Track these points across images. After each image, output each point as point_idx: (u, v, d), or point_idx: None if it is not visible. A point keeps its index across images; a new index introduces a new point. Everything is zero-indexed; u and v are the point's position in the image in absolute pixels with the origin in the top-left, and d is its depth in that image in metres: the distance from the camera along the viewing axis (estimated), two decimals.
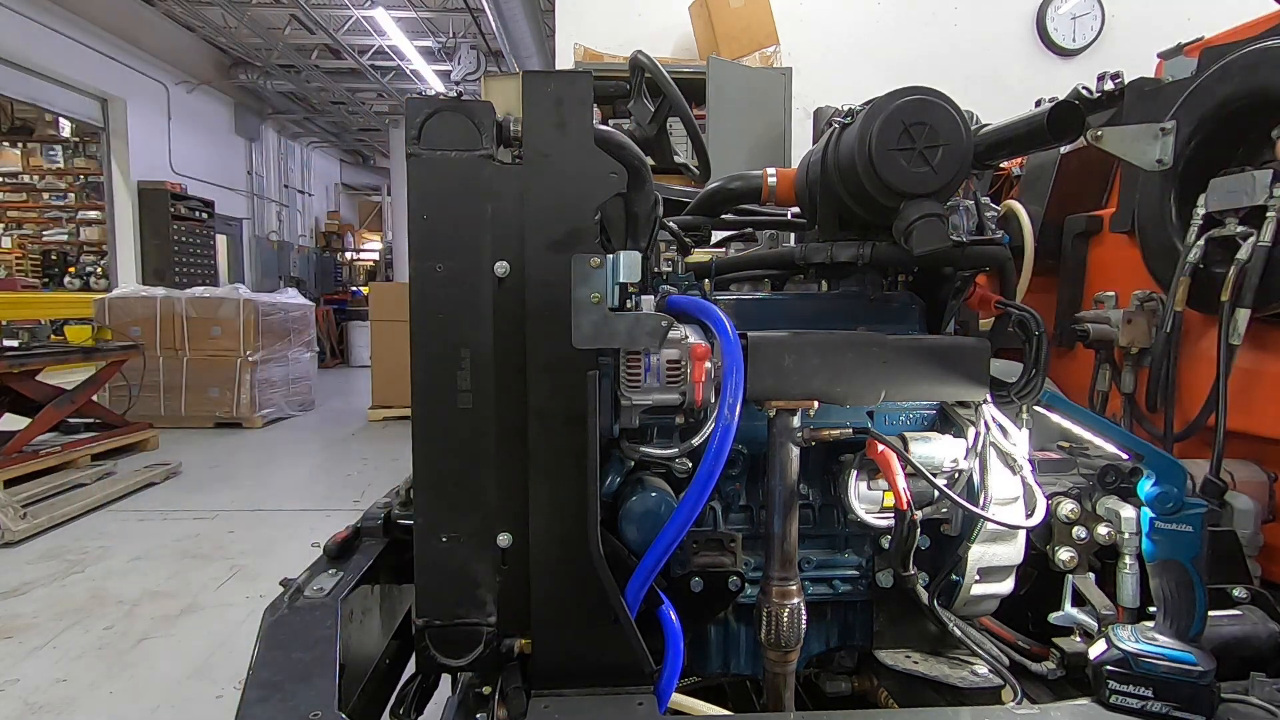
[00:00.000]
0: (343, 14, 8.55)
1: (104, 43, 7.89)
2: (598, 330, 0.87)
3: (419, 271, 0.90)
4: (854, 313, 1.16)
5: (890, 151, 0.99)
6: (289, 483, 4.52)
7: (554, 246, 0.90)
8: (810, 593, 1.08)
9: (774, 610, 0.96)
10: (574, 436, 0.91)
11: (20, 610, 2.67)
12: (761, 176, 1.28)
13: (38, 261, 9.40)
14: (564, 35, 4.54)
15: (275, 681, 0.82)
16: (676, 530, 0.90)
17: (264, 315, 6.12)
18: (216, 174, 10.13)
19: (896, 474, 0.96)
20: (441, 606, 0.93)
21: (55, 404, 4.35)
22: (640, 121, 1.33)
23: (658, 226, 1.10)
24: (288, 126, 12.56)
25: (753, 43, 4.12)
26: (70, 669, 2.27)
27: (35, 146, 9.46)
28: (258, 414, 6.02)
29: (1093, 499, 1.09)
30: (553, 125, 0.90)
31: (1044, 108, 0.97)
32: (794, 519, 0.97)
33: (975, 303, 1.25)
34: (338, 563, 1.10)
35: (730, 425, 0.87)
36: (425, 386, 0.91)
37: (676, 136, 1.41)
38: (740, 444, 1.08)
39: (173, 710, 2.06)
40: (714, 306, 0.95)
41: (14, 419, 4.33)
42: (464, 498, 0.92)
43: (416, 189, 0.90)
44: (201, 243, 9.21)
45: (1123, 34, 4.59)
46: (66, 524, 3.56)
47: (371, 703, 1.08)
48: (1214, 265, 1.25)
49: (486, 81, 4.62)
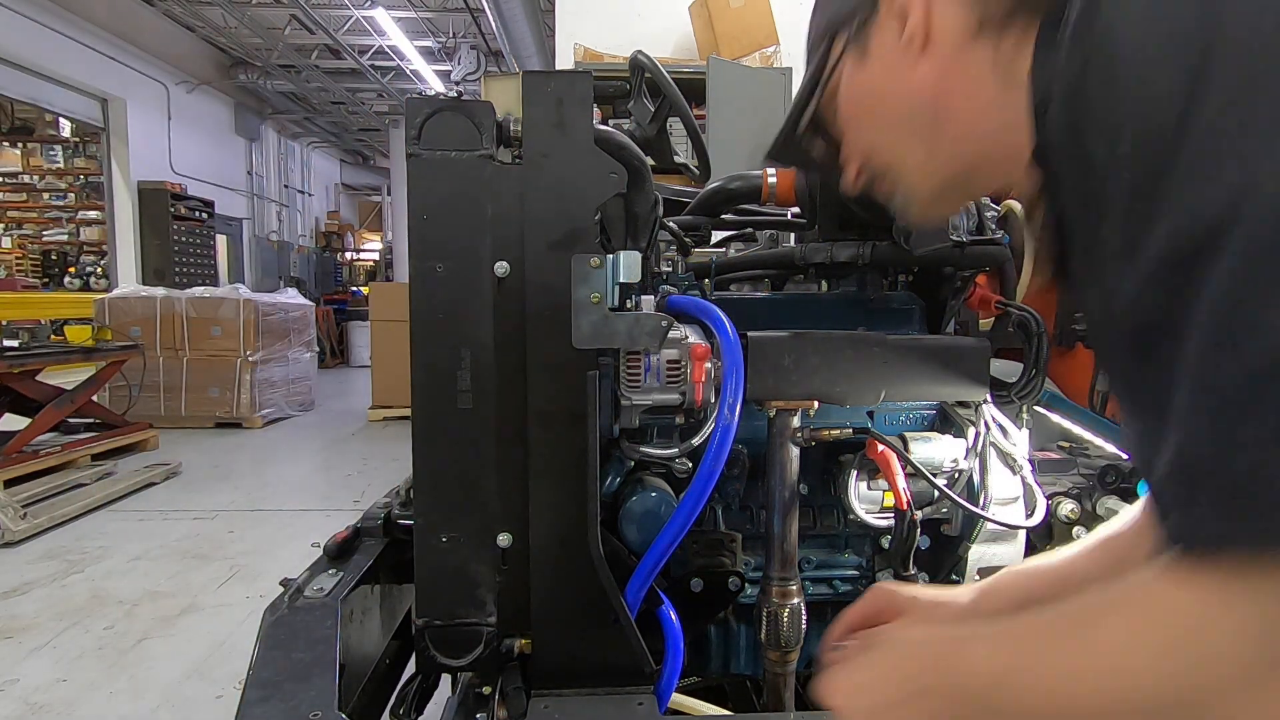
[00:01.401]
0: (343, 14, 8.55)
1: (104, 43, 7.89)
2: (598, 330, 0.87)
3: (419, 272, 0.90)
4: (854, 313, 1.16)
5: None
6: (289, 483, 4.52)
7: (554, 246, 0.90)
8: (810, 593, 1.08)
9: (774, 610, 0.96)
10: (574, 436, 0.91)
11: (20, 610, 2.67)
12: (761, 176, 1.28)
13: (38, 261, 9.40)
14: (564, 35, 4.54)
15: (275, 681, 0.82)
16: (676, 530, 0.90)
17: (264, 315, 6.11)
18: (216, 174, 10.13)
19: (896, 474, 0.96)
20: (441, 606, 0.93)
21: (55, 404, 4.35)
22: (640, 121, 1.33)
23: (658, 226, 1.10)
24: (288, 126, 12.56)
25: (753, 43, 4.12)
26: (70, 669, 2.27)
27: (35, 146, 9.45)
28: (258, 414, 6.02)
29: (1093, 499, 1.09)
30: (553, 125, 0.90)
31: None
32: (794, 519, 0.97)
33: (975, 303, 1.25)
34: (338, 563, 1.10)
35: (730, 425, 0.87)
36: (425, 386, 0.91)
37: (676, 136, 1.40)
38: (740, 444, 1.08)
39: (173, 710, 2.06)
40: (714, 306, 0.95)
41: (14, 419, 4.33)
42: (464, 498, 0.92)
43: (416, 189, 0.90)
44: (201, 243, 9.21)
45: None
46: (66, 524, 3.56)
47: (371, 703, 1.08)
48: None
49: (486, 81, 4.62)
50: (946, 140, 0.62)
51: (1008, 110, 0.56)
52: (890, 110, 0.65)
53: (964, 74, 0.58)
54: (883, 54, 0.63)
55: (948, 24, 0.58)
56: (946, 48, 0.59)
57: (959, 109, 0.60)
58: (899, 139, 0.66)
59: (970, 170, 0.64)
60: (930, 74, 0.60)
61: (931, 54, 0.59)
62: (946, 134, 0.62)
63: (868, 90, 0.66)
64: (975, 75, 0.58)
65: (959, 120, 0.60)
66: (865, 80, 0.65)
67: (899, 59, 0.61)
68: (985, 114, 0.59)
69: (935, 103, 0.60)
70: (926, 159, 0.64)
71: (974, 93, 0.58)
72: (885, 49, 0.63)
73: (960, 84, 0.59)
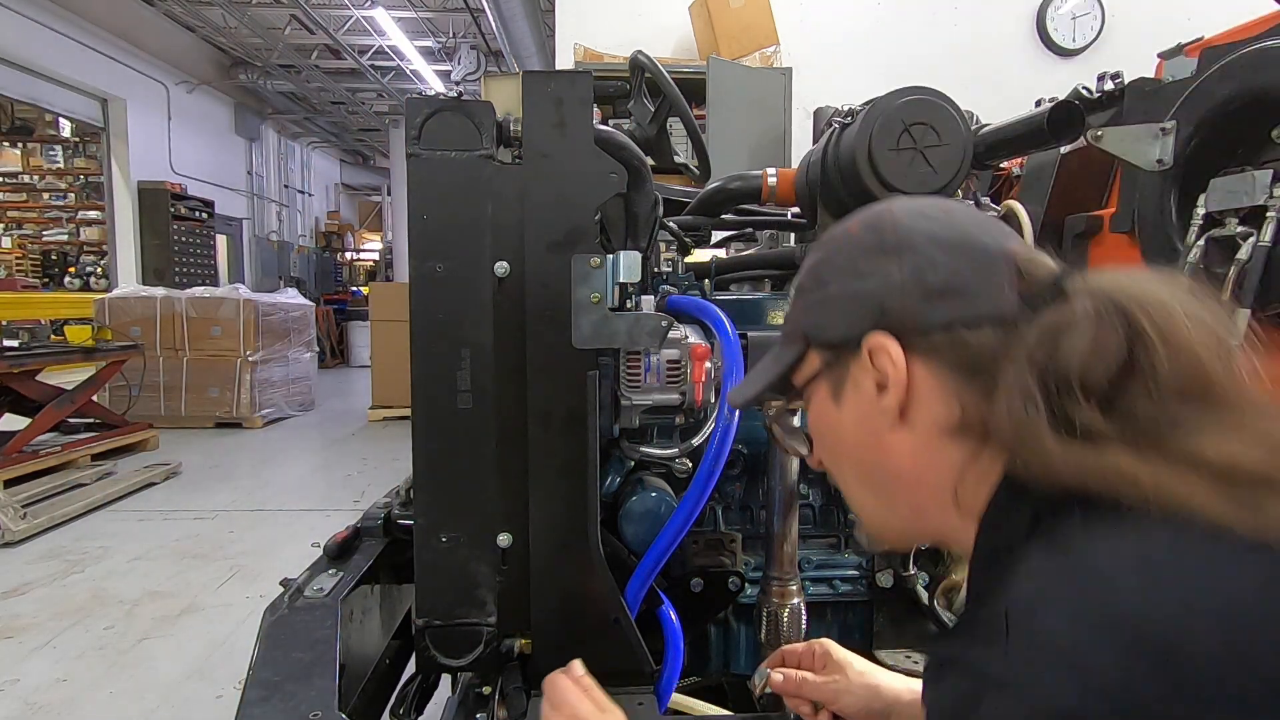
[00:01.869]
0: (343, 14, 8.54)
1: (104, 43, 7.88)
2: (597, 330, 0.87)
3: (419, 271, 0.90)
4: None
5: (891, 151, 0.99)
6: (289, 483, 4.52)
7: (554, 246, 0.90)
8: (810, 593, 1.08)
9: (774, 610, 0.96)
10: (574, 436, 0.91)
11: (20, 610, 2.67)
12: (761, 176, 1.28)
13: (38, 261, 9.39)
14: (564, 35, 4.54)
15: (275, 681, 0.82)
16: (676, 530, 0.90)
17: (264, 315, 6.11)
18: (216, 174, 10.12)
19: None
20: (441, 606, 0.93)
21: (55, 404, 4.34)
22: (640, 121, 1.33)
23: (658, 226, 1.10)
24: (288, 126, 12.55)
25: (753, 43, 4.12)
26: (70, 669, 2.27)
27: (35, 146, 9.44)
28: (258, 414, 6.01)
29: None
30: (552, 125, 0.90)
31: (1044, 108, 0.97)
32: (794, 519, 0.98)
33: None
34: (338, 563, 1.10)
35: (730, 425, 0.87)
36: (425, 386, 0.91)
37: (676, 136, 1.40)
38: (740, 444, 1.08)
39: (173, 710, 2.06)
40: (714, 306, 0.95)
41: (14, 419, 4.33)
42: (464, 498, 0.92)
43: (416, 189, 0.90)
44: (201, 243, 9.20)
45: (1123, 34, 4.59)
46: (66, 524, 3.56)
47: (371, 703, 1.08)
48: (1214, 265, 1.25)
49: (486, 81, 4.62)
50: (902, 504, 0.60)
51: (958, 518, 0.55)
52: (853, 457, 0.62)
53: (933, 464, 0.56)
54: (856, 406, 0.59)
55: (925, 416, 0.55)
56: (920, 432, 0.56)
57: (921, 487, 0.57)
58: (858, 482, 0.63)
59: (921, 530, 0.62)
60: (902, 447, 0.57)
61: (907, 431, 0.56)
62: (904, 499, 0.60)
63: (834, 427, 0.62)
64: (945, 468, 0.55)
65: (919, 495, 0.58)
66: (833, 418, 0.62)
67: (872, 418, 0.58)
68: (943, 505, 0.56)
69: (898, 474, 0.58)
70: (884, 509, 0.62)
71: (938, 484, 0.56)
72: (859, 401, 0.59)
73: (929, 474, 0.56)
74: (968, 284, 0.54)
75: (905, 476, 0.58)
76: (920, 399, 0.55)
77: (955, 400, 0.54)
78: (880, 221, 0.59)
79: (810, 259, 0.65)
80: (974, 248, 0.56)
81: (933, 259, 0.55)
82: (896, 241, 0.57)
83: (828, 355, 0.61)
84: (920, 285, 0.55)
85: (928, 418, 0.55)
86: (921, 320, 0.55)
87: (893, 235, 0.58)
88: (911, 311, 0.55)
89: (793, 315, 0.66)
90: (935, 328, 0.54)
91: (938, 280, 0.55)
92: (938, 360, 0.54)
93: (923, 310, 0.55)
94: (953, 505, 0.55)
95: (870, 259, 0.58)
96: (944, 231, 0.57)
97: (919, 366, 0.55)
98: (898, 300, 0.55)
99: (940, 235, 0.56)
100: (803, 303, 0.64)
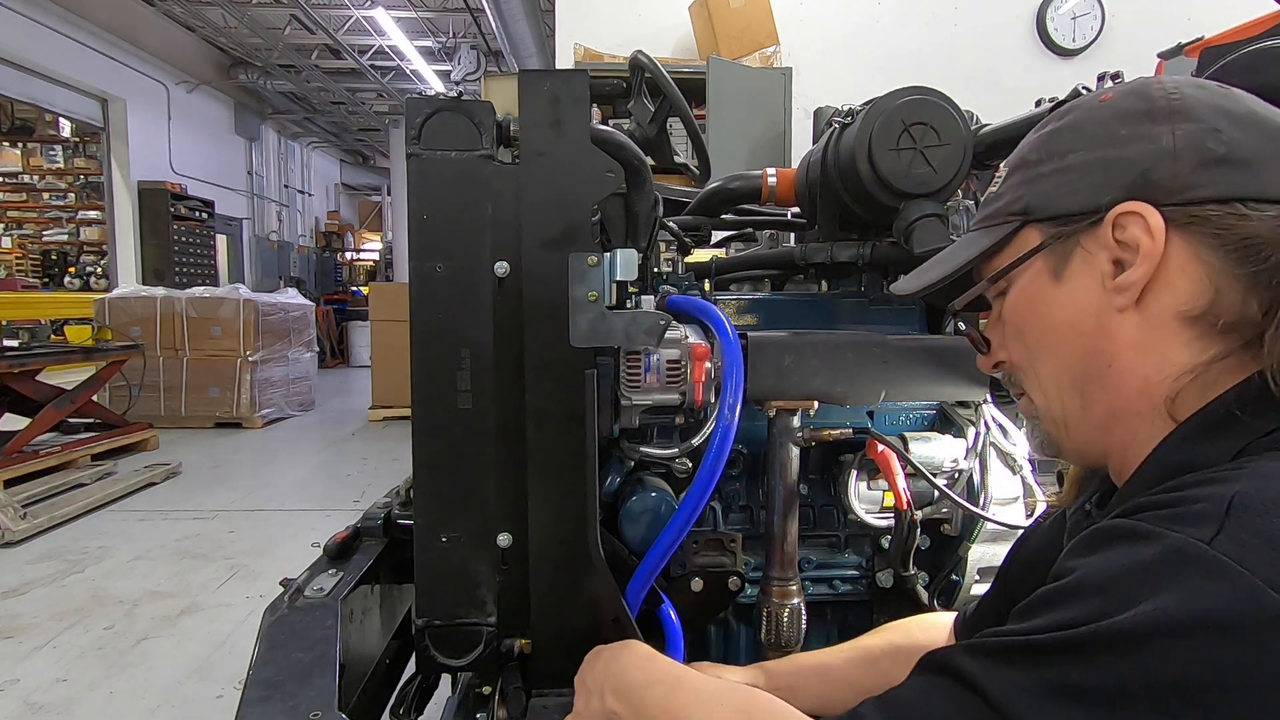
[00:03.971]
0: (343, 14, 8.55)
1: (104, 43, 7.88)
2: (595, 329, 0.87)
3: (419, 271, 0.90)
4: (854, 313, 1.16)
5: (891, 151, 0.99)
6: (289, 483, 4.52)
7: (550, 245, 0.90)
8: (810, 593, 1.08)
9: (774, 610, 0.96)
10: (574, 436, 0.91)
11: (20, 610, 2.67)
12: (761, 176, 1.28)
13: (38, 261, 9.40)
14: (564, 35, 4.54)
15: (275, 681, 0.82)
16: (677, 530, 0.90)
17: (264, 315, 6.11)
18: (216, 174, 10.13)
19: (896, 474, 0.96)
20: (441, 606, 0.93)
21: (55, 404, 4.34)
22: (640, 121, 1.33)
23: (658, 226, 1.10)
24: (288, 126, 12.56)
25: (753, 43, 4.12)
26: (70, 669, 2.27)
27: (35, 146, 9.45)
28: (258, 414, 6.01)
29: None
30: (548, 124, 0.90)
31: (1044, 108, 0.97)
32: (794, 519, 0.98)
33: None
34: (338, 563, 1.10)
35: (730, 425, 0.87)
36: (425, 386, 0.91)
37: (676, 136, 1.40)
38: (740, 444, 1.08)
39: (173, 710, 2.06)
40: (714, 306, 0.95)
41: (14, 419, 4.33)
42: (464, 498, 0.92)
43: (416, 189, 0.90)
44: (201, 243, 9.20)
45: (1123, 34, 4.59)
46: (66, 524, 3.56)
47: (371, 703, 1.08)
48: None
49: (486, 81, 4.62)
50: (1099, 405, 0.56)
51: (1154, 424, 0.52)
52: (1062, 345, 0.57)
53: (1158, 355, 0.51)
54: (1082, 284, 0.54)
55: (1165, 300, 0.50)
56: (1153, 316, 0.51)
57: (1130, 381, 0.53)
58: (1057, 374, 0.58)
59: (1103, 443, 0.57)
60: (1126, 332, 0.52)
61: (1139, 315, 0.52)
62: (1104, 400, 0.55)
63: (1047, 310, 0.57)
64: (1170, 362, 0.51)
65: (1124, 394, 0.54)
66: (1048, 298, 0.57)
67: (1098, 298, 0.53)
68: (1143, 408, 0.52)
69: (1111, 363, 0.54)
70: (1077, 409, 0.57)
71: (1156, 377, 0.51)
72: (1086, 279, 0.54)
73: (1148, 364, 0.52)
74: (1257, 155, 0.49)
75: (1118, 367, 0.53)
76: (1166, 279, 0.50)
77: (1210, 286, 0.49)
78: (1148, 89, 0.54)
79: (1036, 135, 0.59)
80: (1264, 123, 0.50)
81: (1215, 127, 0.50)
82: (1170, 108, 0.52)
83: (1054, 229, 0.55)
84: (1198, 152, 0.50)
85: (1169, 301, 0.50)
86: (1193, 190, 0.49)
87: (1165, 102, 0.52)
88: (1182, 180, 0.50)
89: (1004, 193, 0.60)
90: (1210, 200, 0.49)
91: (1220, 149, 0.49)
92: (1203, 238, 0.49)
93: (1197, 178, 0.49)
94: (1157, 407, 0.51)
95: (1134, 124, 0.52)
96: (1227, 103, 0.51)
97: (1177, 242, 0.50)
98: (1167, 168, 0.50)
99: (1224, 106, 0.51)
100: (1023, 176, 0.58)
